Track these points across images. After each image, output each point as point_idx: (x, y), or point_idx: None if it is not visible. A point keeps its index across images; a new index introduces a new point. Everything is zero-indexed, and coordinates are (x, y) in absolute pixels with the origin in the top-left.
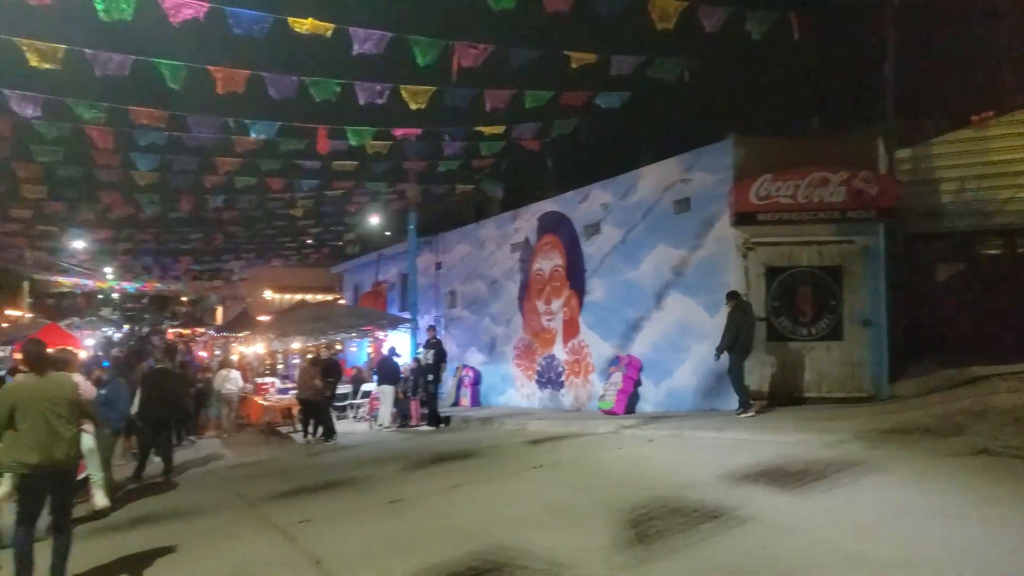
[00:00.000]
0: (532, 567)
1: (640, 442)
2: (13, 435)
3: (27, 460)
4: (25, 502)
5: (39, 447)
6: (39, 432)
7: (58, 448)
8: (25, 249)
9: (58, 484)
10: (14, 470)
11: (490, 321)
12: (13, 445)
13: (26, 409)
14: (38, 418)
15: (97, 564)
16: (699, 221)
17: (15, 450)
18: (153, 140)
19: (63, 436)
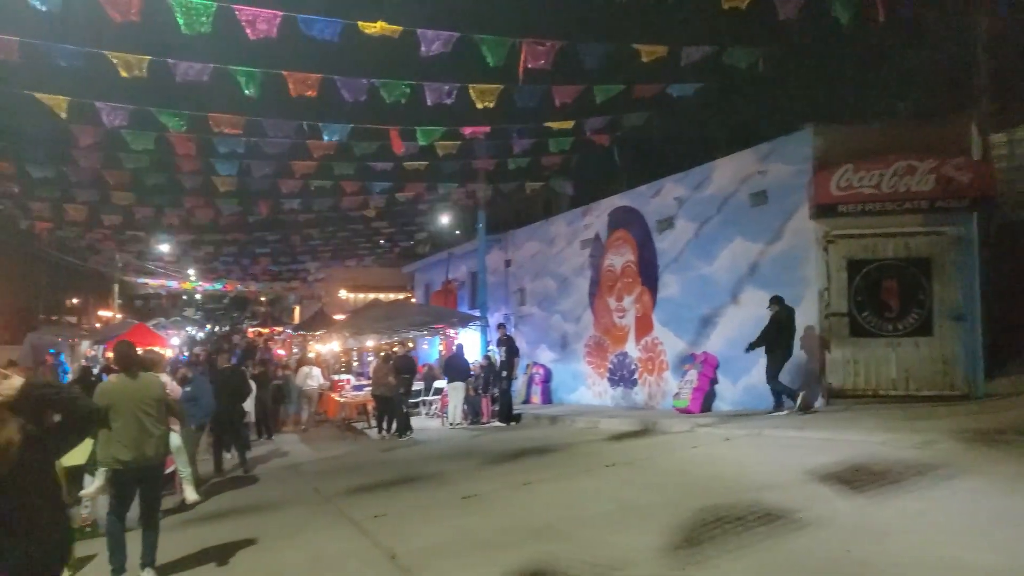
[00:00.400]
0: (605, 563)
1: (716, 441)
2: (107, 433)
3: (120, 456)
4: (117, 494)
5: (131, 444)
6: (131, 430)
7: (148, 445)
8: (115, 252)
9: (147, 479)
10: (108, 465)
11: (560, 318)
12: (108, 442)
13: (119, 408)
14: (130, 417)
15: (183, 554)
16: (776, 214)
17: (109, 447)
18: (232, 147)
19: (153, 434)
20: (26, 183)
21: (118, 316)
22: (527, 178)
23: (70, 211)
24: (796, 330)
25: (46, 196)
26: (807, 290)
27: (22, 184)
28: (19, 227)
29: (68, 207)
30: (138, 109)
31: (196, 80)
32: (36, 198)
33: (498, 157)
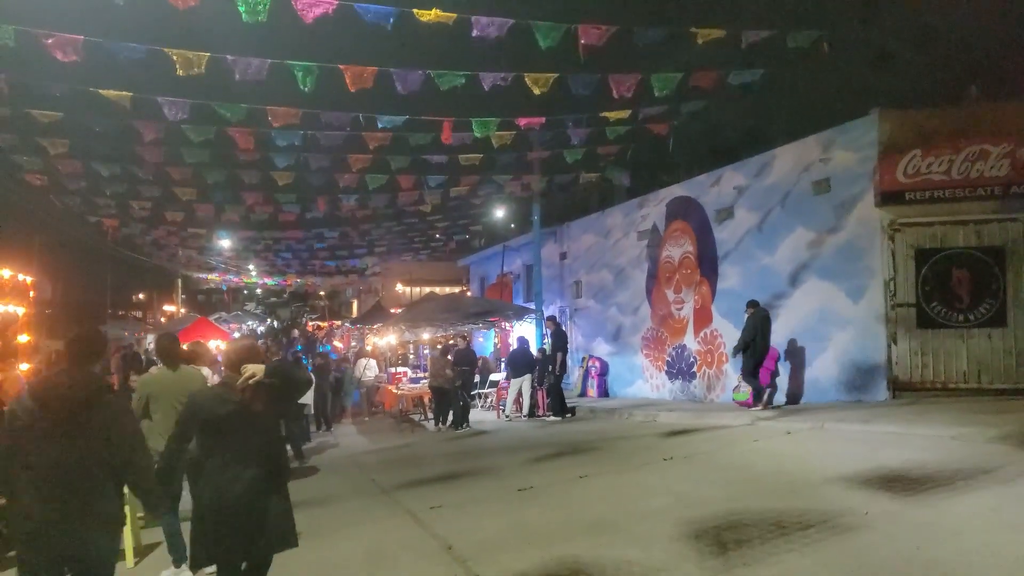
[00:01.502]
0: (659, 561)
1: (777, 435)
2: (148, 424)
3: (160, 448)
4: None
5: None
6: (170, 422)
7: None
8: (178, 248)
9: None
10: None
11: (616, 311)
12: (148, 434)
13: (159, 400)
14: (169, 409)
15: None
16: (840, 202)
17: (150, 439)
18: (289, 140)
19: None
20: (93, 180)
21: (181, 311)
22: (583, 169)
23: (135, 207)
24: (770, 331)
25: (112, 192)
26: (871, 280)
27: (89, 181)
28: (87, 224)
29: (133, 203)
30: (198, 103)
31: (254, 77)
32: (102, 194)
33: (553, 148)
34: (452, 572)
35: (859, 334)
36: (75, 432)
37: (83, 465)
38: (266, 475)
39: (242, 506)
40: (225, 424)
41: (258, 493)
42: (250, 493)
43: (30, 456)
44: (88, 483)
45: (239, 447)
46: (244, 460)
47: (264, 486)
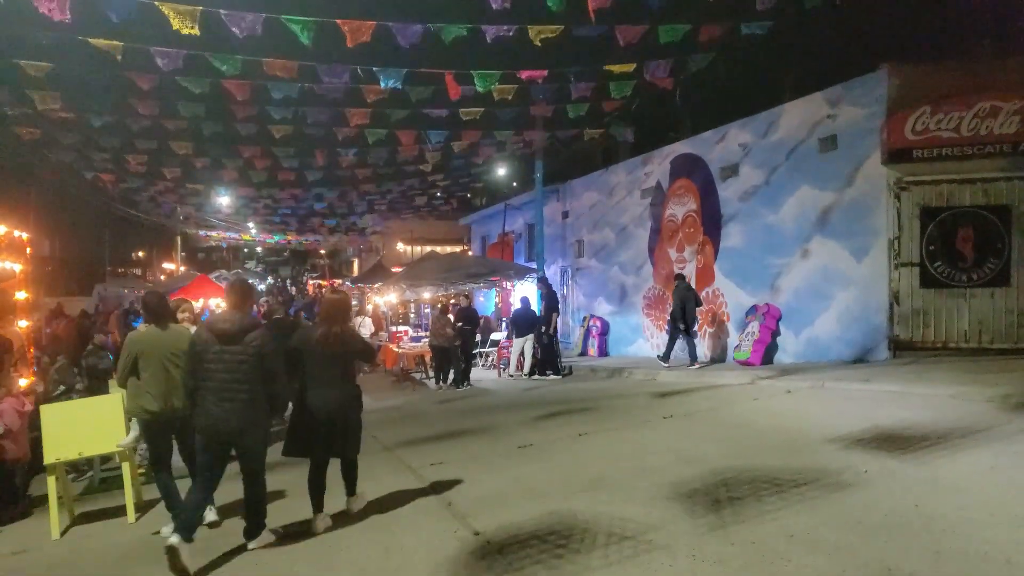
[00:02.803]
0: (657, 518)
1: (778, 394)
2: (136, 383)
3: (148, 407)
4: (152, 445)
5: (159, 395)
6: (158, 381)
7: (176, 397)
8: (176, 206)
9: (179, 429)
10: (136, 416)
11: (619, 270)
12: (136, 393)
13: (147, 359)
14: (158, 368)
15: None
16: (847, 160)
17: (138, 397)
18: (287, 93)
19: (180, 385)
20: (86, 133)
21: (181, 268)
22: (586, 125)
23: (131, 162)
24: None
25: (107, 146)
26: (876, 239)
27: (83, 134)
28: (85, 180)
29: (129, 158)
30: (192, 54)
31: (250, 31)
32: (98, 148)
33: (556, 103)
34: (452, 527)
35: (862, 293)
36: (236, 354)
37: (242, 378)
38: (345, 396)
39: (329, 417)
40: (324, 355)
41: (340, 408)
42: (335, 408)
43: (207, 372)
44: (245, 389)
45: (331, 373)
46: (331, 385)
47: (344, 403)
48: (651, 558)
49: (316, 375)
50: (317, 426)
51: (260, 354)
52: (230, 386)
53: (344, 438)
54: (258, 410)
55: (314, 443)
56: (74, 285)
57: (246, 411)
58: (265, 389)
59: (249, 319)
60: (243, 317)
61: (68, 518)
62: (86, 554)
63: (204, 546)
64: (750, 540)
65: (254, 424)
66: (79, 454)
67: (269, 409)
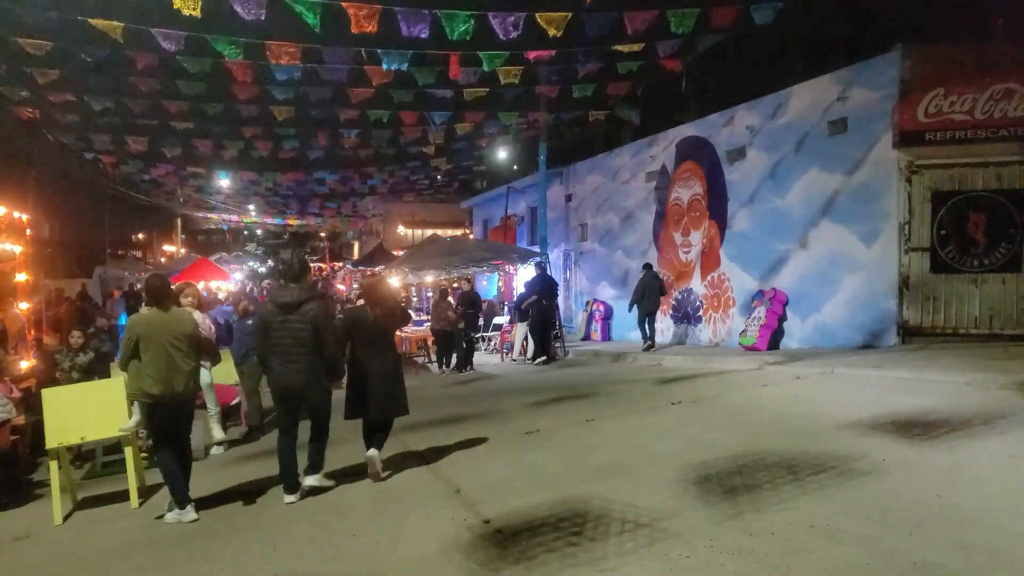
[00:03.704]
0: (669, 507)
1: (786, 380)
2: (137, 365)
3: (149, 390)
4: (153, 428)
5: (160, 378)
6: (159, 364)
7: (177, 380)
8: (177, 187)
9: (178, 412)
10: (137, 398)
11: (623, 254)
12: (137, 375)
13: (149, 341)
14: (159, 351)
15: (245, 488)
16: (857, 143)
17: (139, 380)
18: (290, 74)
19: (182, 369)
20: (86, 113)
21: (181, 251)
22: (592, 107)
23: (131, 143)
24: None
25: (106, 125)
26: (886, 224)
27: (82, 114)
28: (85, 162)
29: (129, 139)
30: (193, 35)
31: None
32: (98, 128)
33: (562, 83)
34: (461, 515)
35: (870, 278)
36: (294, 322)
37: (302, 343)
38: (393, 365)
39: (379, 382)
40: (368, 331)
41: (388, 375)
42: (384, 374)
43: (273, 339)
44: (302, 352)
45: (377, 347)
46: (380, 355)
47: (391, 371)
48: (667, 547)
49: (365, 348)
50: (369, 392)
51: (314, 322)
52: (293, 350)
53: (394, 401)
54: (318, 370)
55: (368, 406)
56: (75, 267)
57: (308, 371)
58: (321, 353)
59: (307, 292)
60: (302, 290)
61: (71, 503)
62: (88, 540)
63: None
64: (769, 530)
65: (316, 382)
66: (81, 439)
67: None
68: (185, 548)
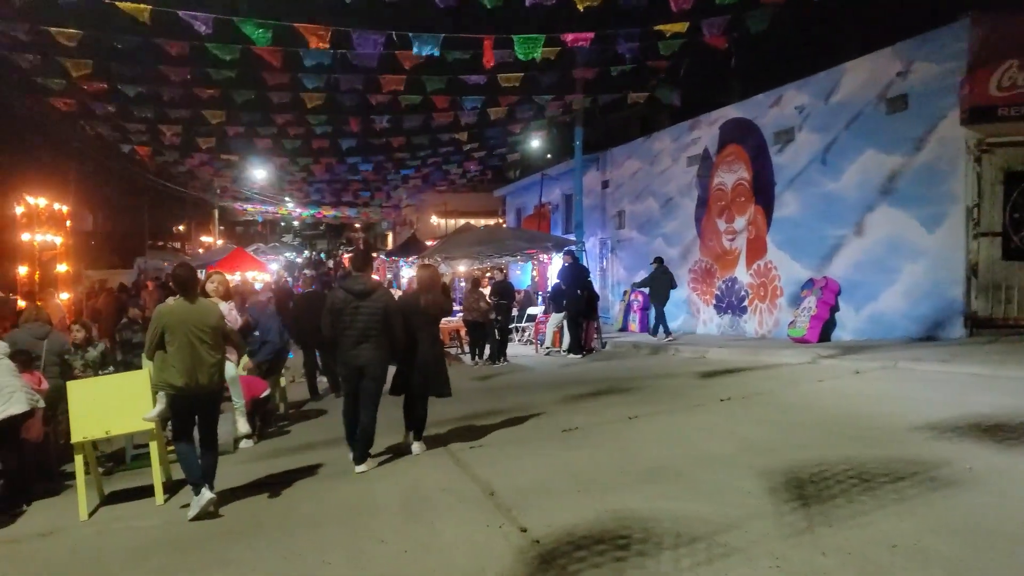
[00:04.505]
0: (731, 516)
1: (845, 374)
2: (163, 356)
3: (173, 382)
4: (176, 419)
5: (184, 370)
6: (184, 356)
7: (202, 372)
8: (213, 178)
9: (203, 405)
10: (162, 390)
11: (663, 242)
12: (162, 366)
13: (174, 332)
14: (183, 342)
15: (266, 483)
16: (918, 121)
17: (164, 371)
18: (320, 60)
19: (207, 361)
20: (120, 102)
21: (219, 242)
22: (631, 89)
23: (165, 133)
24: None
25: (140, 116)
26: (952, 207)
27: (117, 104)
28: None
29: (163, 128)
30: (222, 19)
31: None
32: (131, 119)
33: (600, 65)
34: (495, 521)
35: (933, 266)
36: (366, 308)
37: (369, 325)
38: (437, 350)
39: (427, 362)
40: (419, 317)
41: (434, 358)
42: (430, 357)
43: (344, 322)
44: (373, 334)
45: (425, 331)
46: (428, 339)
47: (437, 355)
48: (728, 565)
49: (415, 332)
50: (415, 372)
51: (385, 308)
52: (364, 332)
53: (438, 381)
54: (383, 350)
55: (412, 384)
56: (116, 259)
57: (374, 350)
58: (388, 334)
59: (374, 280)
60: (370, 279)
61: (97, 497)
62: (111, 538)
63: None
64: (844, 548)
65: (380, 360)
66: (106, 432)
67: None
68: (206, 550)
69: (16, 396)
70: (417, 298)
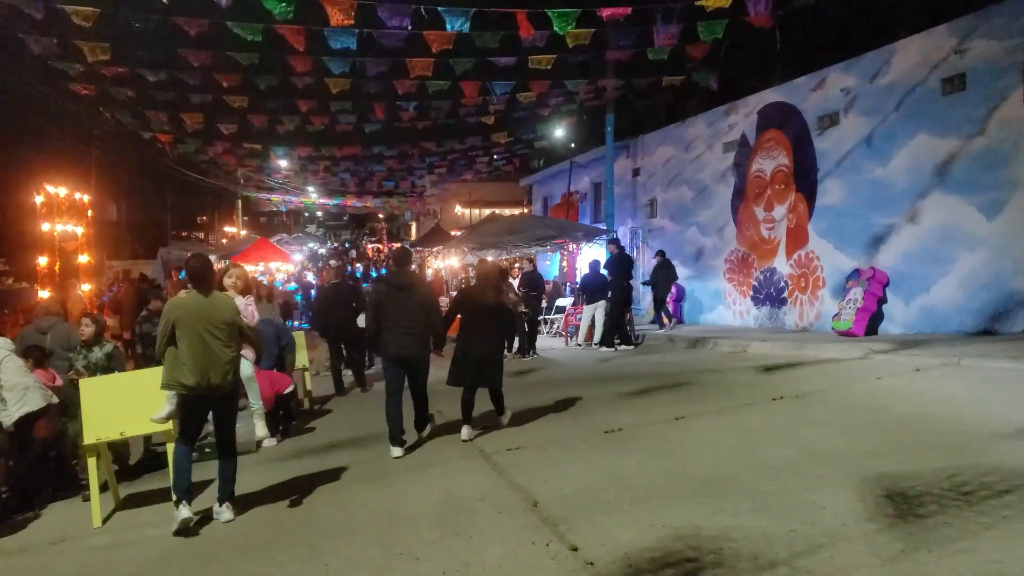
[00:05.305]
0: (808, 534)
1: (904, 372)
2: (174, 353)
3: (184, 381)
4: (184, 420)
5: (195, 368)
6: (195, 353)
7: (215, 371)
8: (236, 168)
9: (218, 406)
10: (172, 389)
11: (697, 231)
12: (173, 363)
13: (185, 327)
14: (195, 338)
15: (284, 490)
16: (978, 102)
17: (175, 369)
18: (344, 40)
19: (220, 359)
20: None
21: (242, 232)
22: (666, 72)
23: (187, 120)
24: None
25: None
26: (1014, 193)
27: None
28: (145, 142)
29: (184, 116)
30: None
31: None
32: (152, 105)
33: (635, 47)
34: (542, 538)
35: (993, 256)
36: (408, 300)
37: (412, 317)
38: (497, 340)
39: (483, 354)
40: (478, 310)
41: (492, 348)
42: (487, 346)
43: (389, 314)
44: (416, 326)
45: (483, 323)
46: (487, 330)
47: (495, 346)
48: None
49: (473, 325)
50: (472, 363)
51: (425, 301)
52: (407, 324)
53: (493, 373)
54: (426, 341)
55: (468, 375)
56: (140, 249)
57: (418, 341)
58: (429, 327)
59: (416, 275)
60: (412, 273)
61: (113, 501)
62: (124, 549)
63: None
64: None
65: (423, 350)
66: (121, 434)
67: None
68: (223, 564)
69: (30, 394)
70: (477, 291)
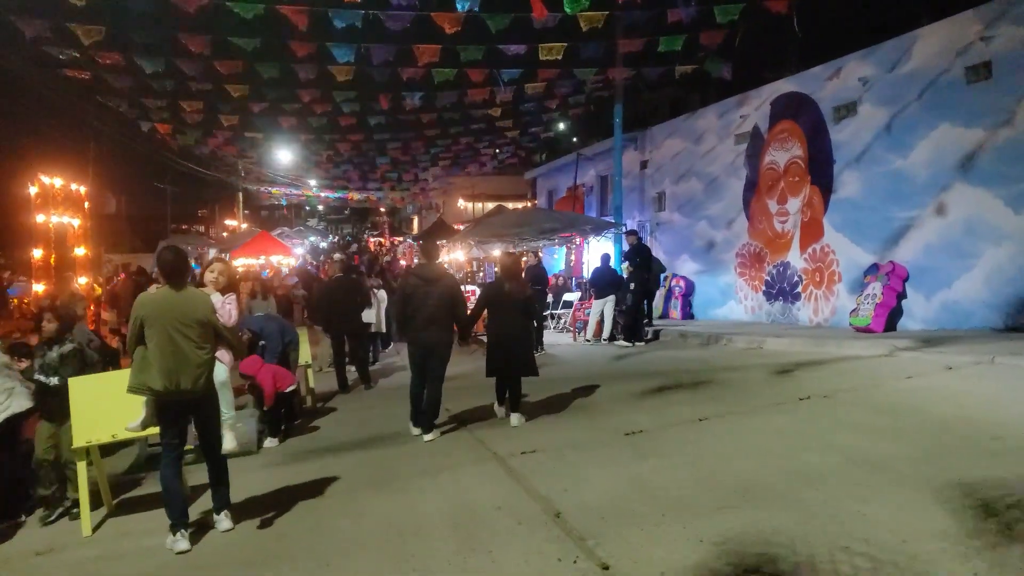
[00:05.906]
0: (878, 552)
1: (935, 370)
2: (143, 354)
3: (152, 384)
4: (160, 428)
5: (164, 371)
6: (164, 354)
7: (185, 374)
8: (236, 159)
9: (196, 410)
10: (139, 393)
11: (707, 225)
12: (142, 365)
13: (153, 325)
14: (163, 338)
15: (289, 497)
16: (1004, 91)
17: (142, 371)
18: (351, 22)
19: (191, 361)
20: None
21: (243, 225)
22: (677, 62)
23: (186, 109)
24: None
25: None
26: None
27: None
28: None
29: (183, 104)
30: None
31: None
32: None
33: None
34: (568, 553)
35: (1020, 250)
36: (433, 292)
37: (438, 308)
38: (524, 328)
39: (511, 343)
40: (504, 302)
41: (519, 337)
42: (515, 336)
43: (415, 304)
44: (441, 316)
45: (510, 315)
46: (513, 320)
47: (523, 334)
48: None
49: (502, 317)
50: (503, 353)
51: (451, 293)
52: (432, 315)
53: (524, 362)
54: (449, 331)
55: (502, 365)
56: (139, 242)
57: (441, 332)
58: (454, 317)
59: (442, 268)
60: (437, 267)
61: (105, 508)
62: (114, 562)
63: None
64: None
65: (446, 341)
66: (112, 437)
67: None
68: None
69: (17, 392)
70: (502, 284)
